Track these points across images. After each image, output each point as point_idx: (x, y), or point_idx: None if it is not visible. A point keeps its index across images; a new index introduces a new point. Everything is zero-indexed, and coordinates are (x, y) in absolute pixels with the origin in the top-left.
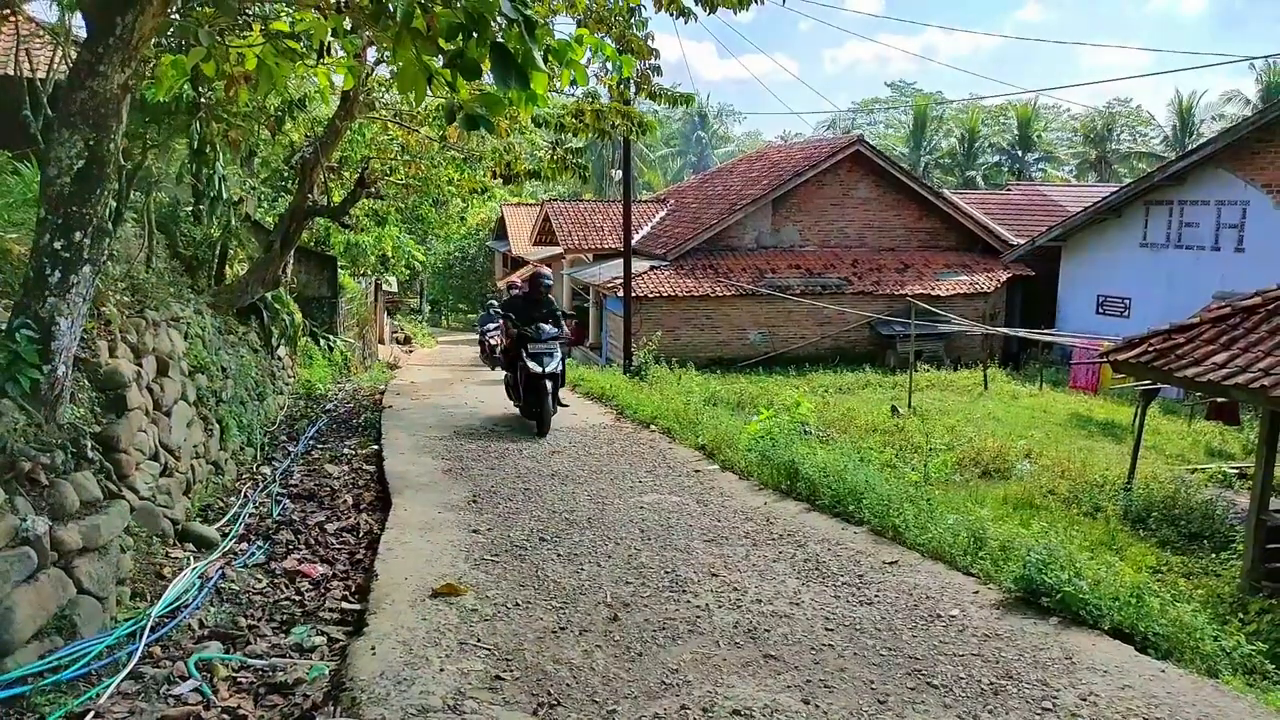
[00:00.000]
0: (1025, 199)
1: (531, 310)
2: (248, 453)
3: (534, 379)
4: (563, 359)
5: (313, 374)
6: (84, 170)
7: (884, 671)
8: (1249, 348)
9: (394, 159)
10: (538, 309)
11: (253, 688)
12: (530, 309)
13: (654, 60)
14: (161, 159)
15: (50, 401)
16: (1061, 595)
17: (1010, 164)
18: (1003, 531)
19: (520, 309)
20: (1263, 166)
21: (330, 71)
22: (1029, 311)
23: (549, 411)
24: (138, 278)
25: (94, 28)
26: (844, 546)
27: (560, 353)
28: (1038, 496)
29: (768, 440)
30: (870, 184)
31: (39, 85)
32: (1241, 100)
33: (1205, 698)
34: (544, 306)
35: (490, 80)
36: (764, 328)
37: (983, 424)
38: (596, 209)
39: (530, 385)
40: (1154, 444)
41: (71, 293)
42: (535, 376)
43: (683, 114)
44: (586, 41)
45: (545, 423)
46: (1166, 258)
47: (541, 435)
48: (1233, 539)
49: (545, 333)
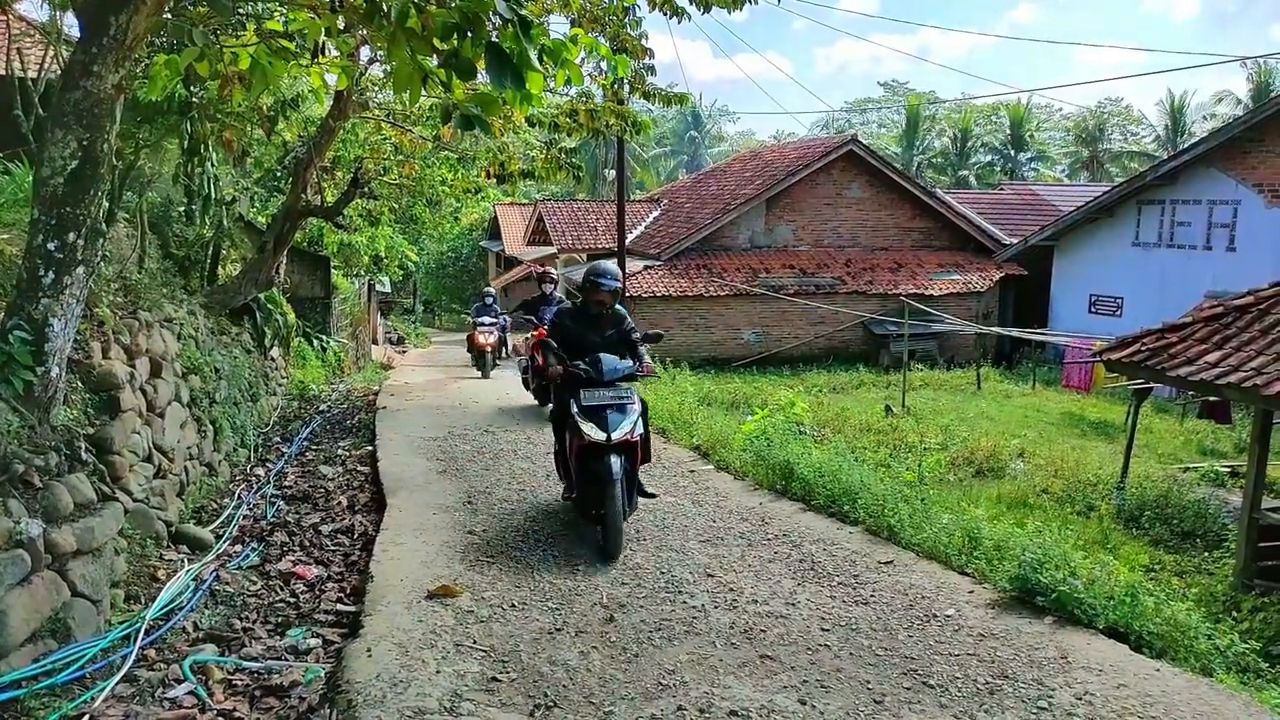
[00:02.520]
0: (1018, 198)
1: (584, 329)
2: (241, 454)
3: (592, 455)
4: (643, 414)
5: (306, 375)
6: (78, 170)
7: (880, 671)
8: (1241, 347)
9: (387, 159)
10: (594, 327)
11: (248, 690)
12: (582, 326)
13: (648, 60)
14: (154, 159)
15: (44, 403)
16: (1056, 594)
17: (1003, 163)
18: (997, 531)
19: (567, 326)
20: (1254, 166)
21: (324, 71)
22: (1022, 311)
23: (619, 514)
24: (131, 278)
25: (87, 27)
26: (839, 546)
27: (637, 403)
28: (1031, 496)
29: (762, 440)
30: (863, 184)
31: (31, 85)
32: (1233, 100)
33: (1200, 696)
34: (605, 322)
35: (485, 80)
36: (758, 327)
37: (976, 423)
38: (590, 209)
39: (587, 466)
40: (1146, 443)
41: (65, 294)
42: (595, 450)
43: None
44: (581, 41)
45: (614, 537)
46: (1158, 257)
47: (610, 556)
48: (1225, 538)
49: (610, 367)
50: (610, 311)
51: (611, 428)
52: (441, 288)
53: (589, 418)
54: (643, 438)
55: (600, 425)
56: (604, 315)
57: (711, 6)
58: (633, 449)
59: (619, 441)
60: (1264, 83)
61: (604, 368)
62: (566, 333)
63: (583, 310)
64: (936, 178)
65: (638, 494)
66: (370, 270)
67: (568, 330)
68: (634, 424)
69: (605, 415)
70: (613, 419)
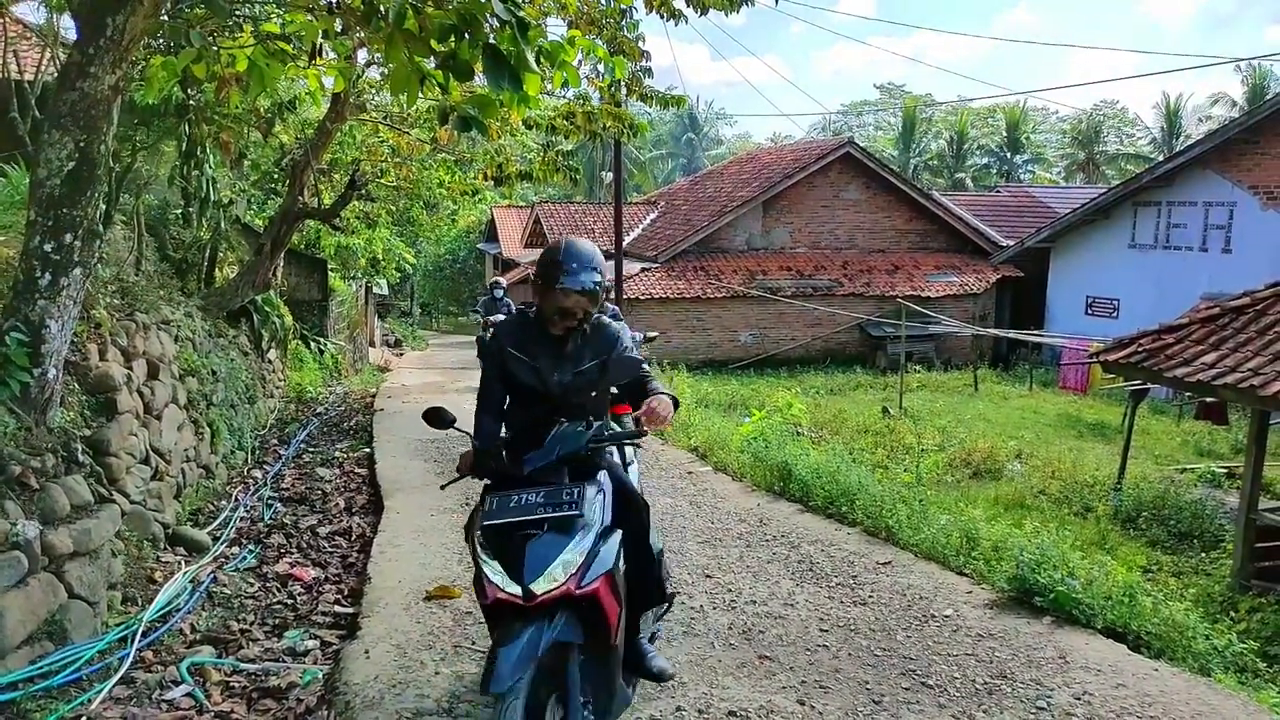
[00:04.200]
0: (1014, 201)
1: (540, 359)
2: (238, 456)
3: (502, 621)
4: (631, 527)
5: (303, 377)
6: (74, 172)
7: (879, 672)
8: (1238, 348)
9: (385, 161)
10: (555, 355)
11: (245, 692)
12: (537, 355)
13: (645, 62)
14: (151, 161)
15: (40, 405)
16: (1054, 595)
17: (999, 166)
18: (995, 532)
19: (510, 356)
20: (1249, 168)
21: (321, 73)
22: (1018, 313)
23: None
24: (127, 280)
25: (84, 29)
26: (837, 547)
27: (599, 509)
28: (1029, 497)
29: (760, 441)
30: (860, 186)
31: (27, 87)
32: (1228, 102)
33: (1198, 696)
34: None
35: (482, 82)
36: (755, 329)
37: (973, 425)
38: (587, 211)
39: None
40: (1143, 444)
41: (62, 295)
42: (504, 612)
43: (673, 116)
44: (579, 43)
45: None
46: (1155, 259)
47: None
48: (1222, 538)
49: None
50: (588, 328)
51: (532, 570)
52: (439, 290)
53: (489, 548)
54: (631, 576)
55: (509, 565)
56: (576, 335)
57: (708, 9)
58: (588, 610)
59: (547, 599)
60: (1259, 85)
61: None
62: (508, 368)
63: (536, 325)
64: (933, 180)
65: (656, 603)
66: (367, 273)
67: (510, 363)
68: (585, 557)
69: (522, 544)
70: (536, 553)
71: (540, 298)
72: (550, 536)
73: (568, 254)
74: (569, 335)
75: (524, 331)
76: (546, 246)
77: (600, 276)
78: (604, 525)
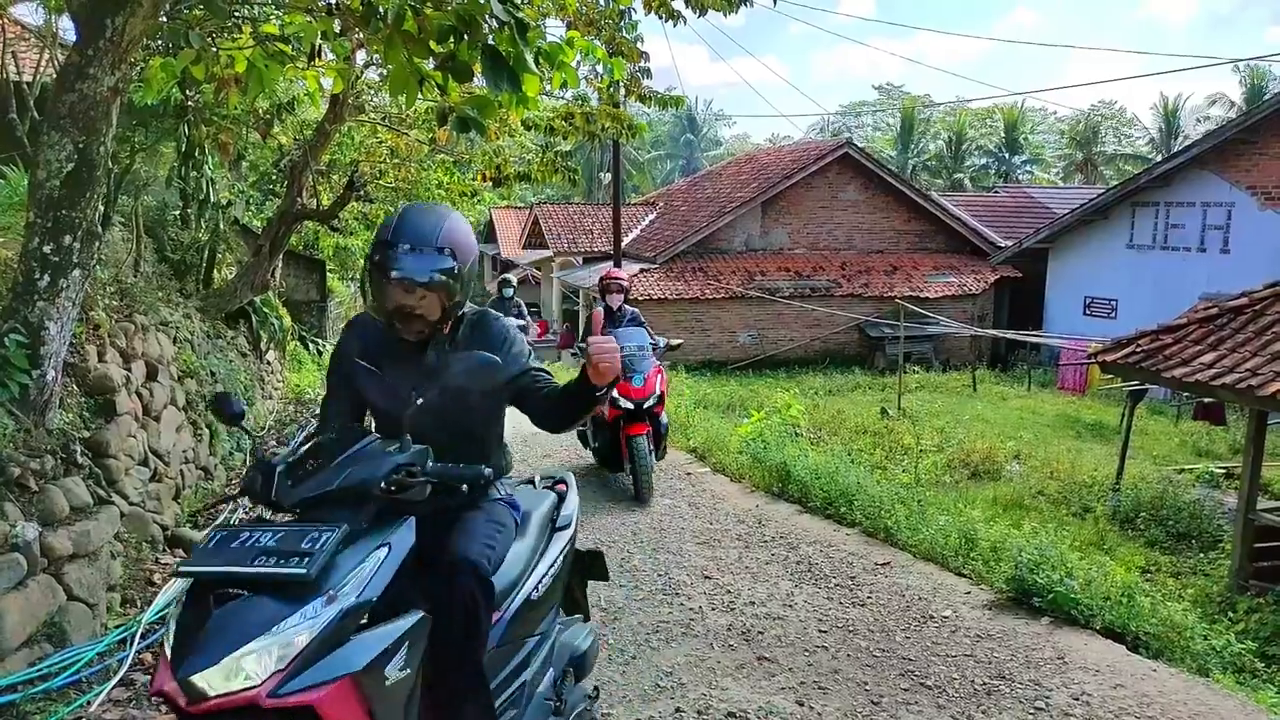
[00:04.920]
0: (1012, 201)
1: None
2: (237, 458)
3: None
4: None
5: (302, 379)
6: (73, 173)
7: (877, 673)
8: (1236, 348)
9: (383, 162)
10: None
11: None
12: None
13: (644, 63)
14: (150, 162)
15: (39, 406)
16: (1053, 595)
17: (997, 166)
18: (993, 532)
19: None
20: (1248, 168)
21: (320, 74)
22: (1017, 313)
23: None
24: (126, 282)
25: (83, 30)
26: (836, 548)
27: None
28: (1027, 497)
29: (759, 442)
30: (859, 186)
31: (26, 88)
32: (1226, 103)
33: (1196, 696)
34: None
35: (481, 83)
36: (754, 330)
37: (972, 425)
38: (586, 212)
39: None
40: (1141, 444)
41: (61, 297)
42: None
43: (672, 117)
44: (577, 44)
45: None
46: (1153, 259)
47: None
48: (1220, 539)
49: None
50: (464, 327)
51: (206, 654)
52: None
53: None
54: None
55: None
56: (442, 341)
57: (707, 10)
58: None
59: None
60: (1258, 85)
61: None
62: (356, 384)
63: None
64: (931, 181)
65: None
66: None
67: (359, 377)
68: (304, 645)
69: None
70: (221, 626)
71: (372, 293)
72: (256, 603)
73: (400, 230)
74: (432, 341)
75: (378, 334)
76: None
77: (455, 261)
78: (361, 601)
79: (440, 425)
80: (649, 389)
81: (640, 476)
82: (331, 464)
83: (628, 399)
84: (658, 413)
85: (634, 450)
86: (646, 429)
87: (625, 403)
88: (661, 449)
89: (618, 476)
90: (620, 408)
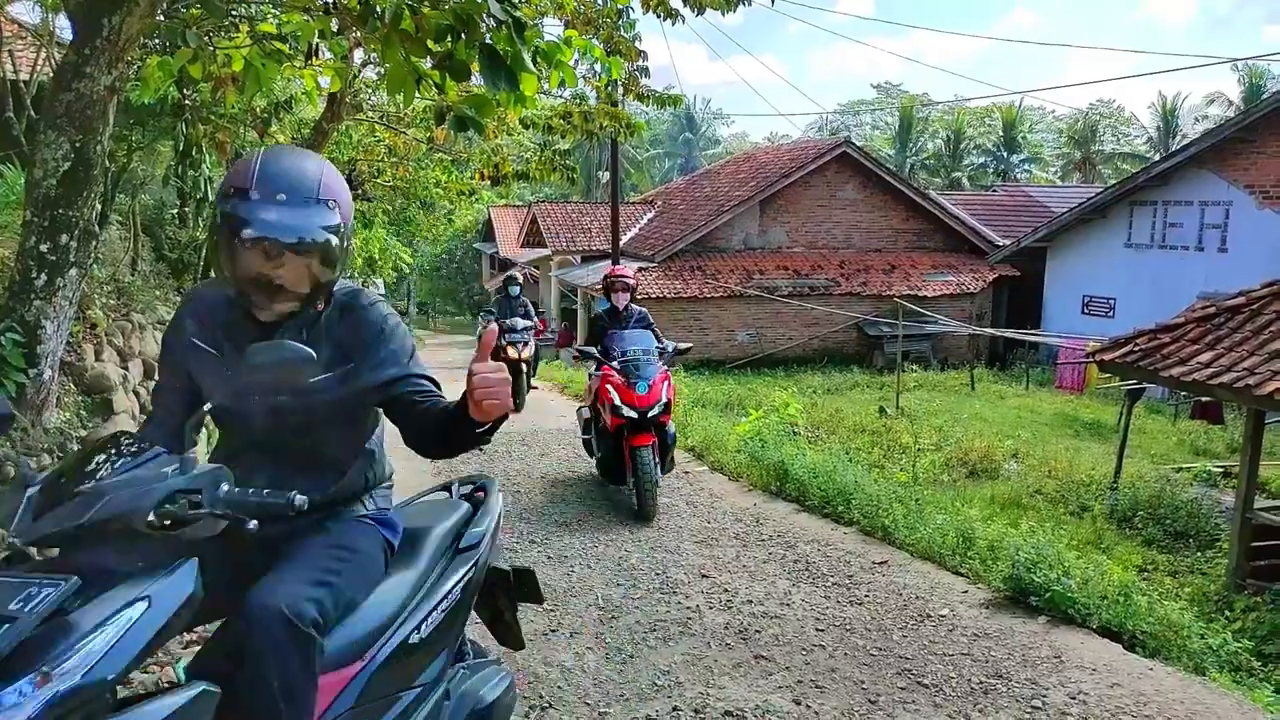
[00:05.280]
0: (1011, 200)
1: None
2: None
3: None
4: None
5: None
6: (70, 172)
7: (874, 671)
8: (1234, 347)
9: (381, 161)
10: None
11: None
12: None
13: (642, 62)
14: (147, 161)
15: (36, 406)
16: (1050, 594)
17: (996, 165)
18: (991, 531)
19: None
20: (1245, 167)
21: (317, 73)
22: (1015, 312)
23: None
24: (123, 281)
25: (80, 29)
26: (833, 547)
27: None
28: (1025, 496)
29: (757, 441)
30: (857, 185)
31: (23, 87)
32: (1224, 102)
33: (1193, 695)
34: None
35: (479, 82)
36: (752, 329)
37: (970, 424)
38: (584, 210)
39: None
40: (1139, 443)
41: (57, 296)
42: None
43: (670, 116)
44: (575, 43)
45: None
46: (1151, 258)
47: None
48: (1218, 537)
49: None
50: (333, 310)
51: None
52: (436, 290)
53: None
54: None
55: None
56: (302, 324)
57: (705, 8)
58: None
59: None
60: (1256, 84)
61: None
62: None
63: (241, 306)
64: (930, 179)
65: None
66: (364, 273)
67: (195, 362)
68: None
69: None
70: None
71: (220, 257)
72: None
73: (265, 176)
74: (290, 323)
75: (223, 313)
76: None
77: (335, 215)
78: (91, 680)
79: (291, 428)
80: (654, 396)
81: (644, 492)
82: (85, 487)
83: (631, 407)
84: (664, 422)
85: (638, 463)
86: (652, 440)
87: (629, 411)
88: (669, 461)
89: (620, 489)
90: (623, 416)
